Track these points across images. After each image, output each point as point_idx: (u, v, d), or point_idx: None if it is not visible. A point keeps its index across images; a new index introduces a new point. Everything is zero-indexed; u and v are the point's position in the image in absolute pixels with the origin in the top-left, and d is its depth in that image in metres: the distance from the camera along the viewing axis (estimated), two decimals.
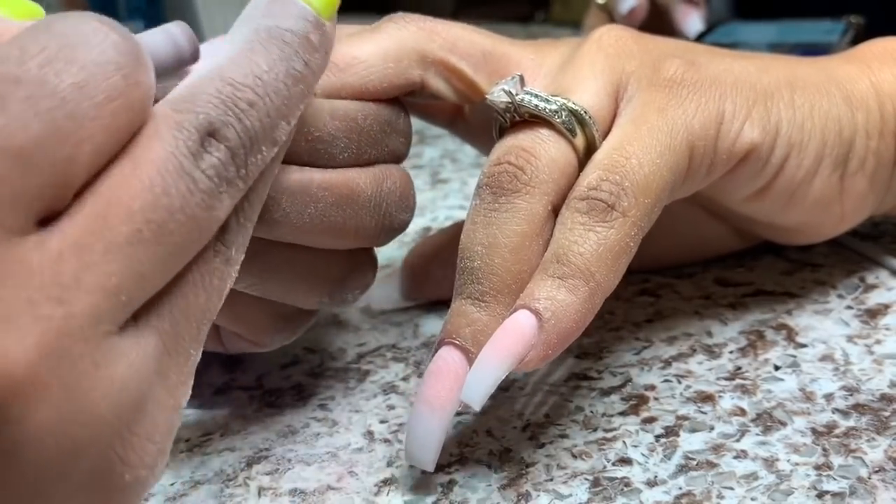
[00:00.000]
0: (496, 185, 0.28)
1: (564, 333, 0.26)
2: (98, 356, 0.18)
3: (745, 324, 0.34)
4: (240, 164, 0.21)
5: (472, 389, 0.26)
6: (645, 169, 0.28)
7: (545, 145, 0.28)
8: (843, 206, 0.33)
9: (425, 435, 0.27)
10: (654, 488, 0.26)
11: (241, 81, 0.22)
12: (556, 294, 0.26)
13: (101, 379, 0.18)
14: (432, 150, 0.57)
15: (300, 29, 0.24)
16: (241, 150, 0.21)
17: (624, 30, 0.32)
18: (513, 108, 0.29)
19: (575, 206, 0.27)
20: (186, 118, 0.20)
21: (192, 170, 0.20)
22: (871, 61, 0.33)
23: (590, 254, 0.26)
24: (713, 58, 0.31)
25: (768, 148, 0.30)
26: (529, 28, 0.90)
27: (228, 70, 0.22)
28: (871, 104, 0.32)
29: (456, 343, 0.27)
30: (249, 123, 0.21)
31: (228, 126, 0.21)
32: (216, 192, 0.20)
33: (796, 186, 0.31)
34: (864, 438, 0.27)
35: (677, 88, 0.29)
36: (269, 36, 0.23)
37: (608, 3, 0.64)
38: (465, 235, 0.28)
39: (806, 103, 0.31)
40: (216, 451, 0.31)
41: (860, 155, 0.32)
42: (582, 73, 0.30)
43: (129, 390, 0.19)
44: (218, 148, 0.21)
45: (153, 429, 0.20)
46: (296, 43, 0.23)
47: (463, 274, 0.28)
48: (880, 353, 0.31)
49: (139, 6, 0.88)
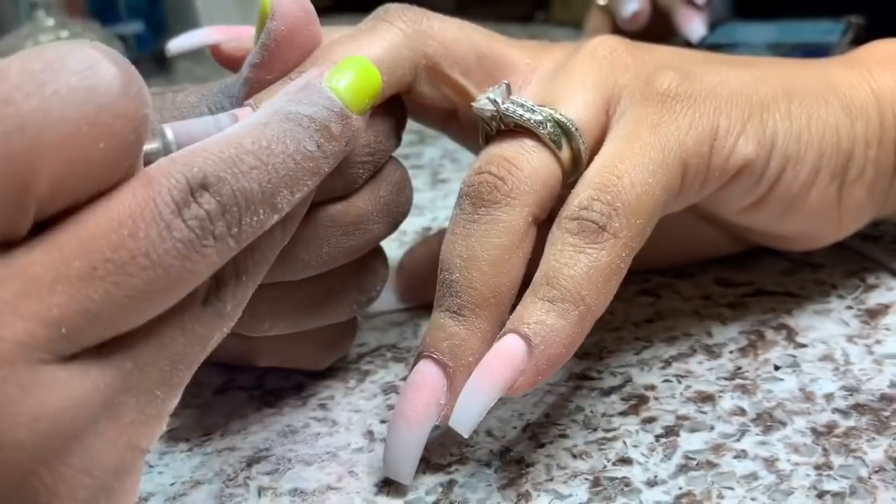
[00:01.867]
0: (476, 196, 0.28)
1: (554, 358, 0.26)
2: (26, 382, 0.18)
3: (745, 324, 0.34)
4: (231, 221, 0.21)
5: (461, 416, 0.26)
6: (637, 189, 0.27)
7: (528, 156, 0.28)
8: (840, 215, 0.32)
9: (403, 449, 0.27)
10: (654, 488, 0.26)
11: (246, 147, 0.22)
12: (546, 318, 0.26)
13: (26, 406, 0.18)
14: (432, 150, 0.57)
15: (321, 117, 0.24)
16: (234, 207, 0.21)
17: (619, 41, 0.31)
18: (498, 117, 0.29)
19: (566, 227, 0.27)
20: (181, 168, 0.20)
21: (171, 218, 0.19)
22: (873, 66, 0.32)
23: (580, 276, 0.26)
24: (709, 68, 0.31)
25: (763, 162, 0.30)
26: (529, 28, 0.90)
27: (237, 136, 0.22)
28: (871, 112, 0.31)
29: (434, 357, 0.27)
30: (247, 185, 0.21)
31: (224, 182, 0.21)
32: (197, 243, 0.20)
33: (792, 198, 0.31)
34: (865, 438, 0.27)
35: (671, 103, 0.29)
36: (287, 117, 0.23)
37: (609, 6, 0.64)
38: (445, 246, 0.28)
39: (803, 114, 0.31)
40: (216, 451, 0.31)
41: (859, 164, 0.31)
42: (572, 85, 0.29)
43: (61, 420, 0.18)
44: (208, 201, 0.20)
45: (91, 463, 0.19)
46: (312, 128, 0.24)
47: (442, 286, 0.28)
48: (880, 353, 0.31)
49: (139, 6, 0.88)
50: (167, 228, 0.19)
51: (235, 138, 0.22)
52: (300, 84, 0.25)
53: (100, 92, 0.18)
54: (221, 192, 0.20)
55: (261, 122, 0.23)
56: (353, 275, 0.30)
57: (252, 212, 0.21)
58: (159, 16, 0.91)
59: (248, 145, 0.22)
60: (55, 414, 0.18)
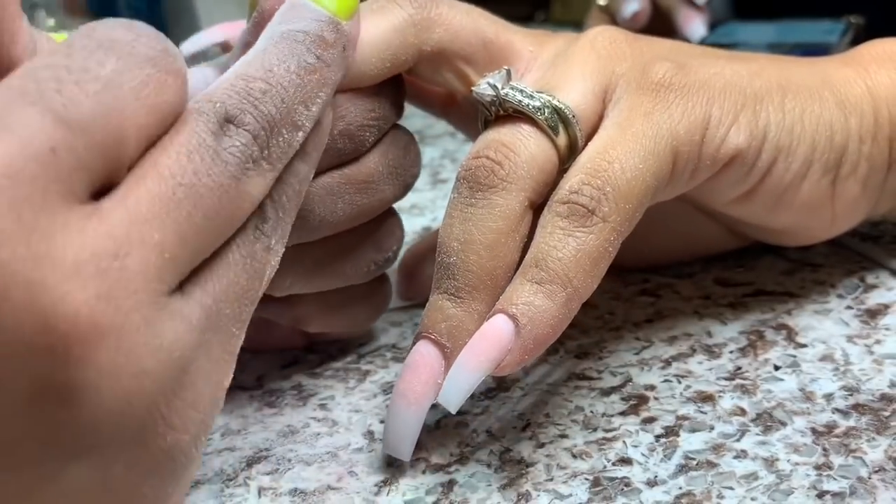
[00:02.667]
0: (473, 180, 0.28)
1: (541, 338, 0.26)
2: (148, 313, 0.19)
3: (745, 324, 0.34)
4: (262, 145, 0.22)
5: (448, 393, 0.26)
6: (627, 174, 0.27)
7: (525, 141, 0.28)
8: (833, 210, 0.33)
9: (402, 427, 0.27)
10: (654, 488, 0.26)
11: (251, 74, 0.23)
12: (534, 299, 0.26)
13: (150, 335, 0.19)
14: (432, 150, 0.57)
15: (313, 29, 0.25)
16: (261, 132, 0.22)
17: (619, 31, 0.32)
18: (497, 102, 0.29)
19: (556, 210, 0.27)
20: (205, 107, 0.21)
21: (216, 145, 0.21)
22: (869, 64, 0.33)
23: (568, 259, 0.26)
24: (705, 60, 0.31)
25: (754, 152, 0.30)
26: (529, 28, 0.90)
27: (241, 68, 0.23)
28: (866, 108, 0.32)
29: (431, 338, 0.27)
30: (265, 109, 0.22)
31: (245, 112, 0.22)
32: (241, 166, 0.21)
33: (783, 190, 0.31)
34: (864, 438, 0.27)
35: (664, 92, 0.29)
36: (281, 38, 0.24)
37: (610, 6, 0.64)
38: (443, 230, 0.29)
39: (797, 107, 0.31)
40: (216, 451, 0.31)
41: (853, 160, 0.32)
42: (571, 72, 0.30)
43: (174, 352, 0.20)
44: (237, 132, 0.22)
45: (197, 397, 0.21)
46: (307, 41, 0.25)
47: (440, 269, 0.28)
48: (880, 353, 0.31)
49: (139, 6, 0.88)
50: (216, 154, 0.21)
51: (241, 69, 0.23)
52: (287, 6, 0.26)
53: (150, 56, 0.20)
54: (245, 122, 0.22)
55: (259, 49, 0.24)
56: (369, 234, 0.32)
57: (276, 133, 0.23)
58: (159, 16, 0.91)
59: (254, 72, 0.23)
60: (171, 344, 0.19)
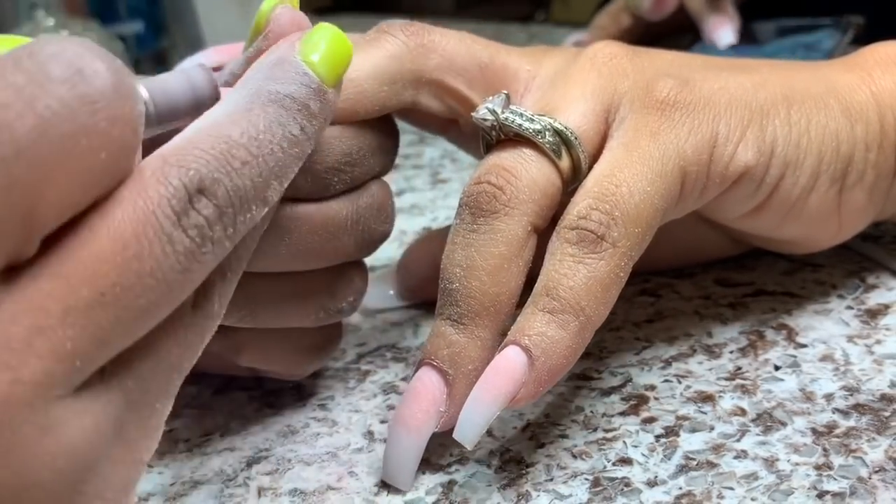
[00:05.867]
0: (475, 206, 0.28)
1: (555, 369, 0.26)
2: (45, 422, 0.17)
3: (745, 324, 0.34)
4: (227, 223, 0.20)
5: (465, 429, 0.26)
6: (636, 198, 0.27)
7: (527, 165, 0.28)
8: (840, 219, 0.32)
9: (402, 455, 0.27)
10: (654, 488, 0.26)
11: (236, 140, 0.21)
12: (547, 330, 0.26)
13: (46, 445, 0.17)
14: (432, 150, 0.57)
15: (301, 95, 0.23)
16: (229, 209, 0.20)
17: (619, 46, 0.31)
18: (497, 126, 0.29)
19: (564, 237, 0.27)
20: (176, 172, 0.19)
21: (172, 231, 0.19)
22: (873, 69, 0.32)
23: (580, 287, 0.26)
24: (708, 74, 0.31)
25: (763, 169, 0.30)
26: (529, 28, 0.90)
27: (225, 127, 0.21)
28: (871, 116, 0.31)
29: (434, 364, 0.27)
30: (241, 182, 0.21)
31: (219, 183, 0.20)
32: (197, 253, 0.19)
33: (792, 203, 0.31)
34: (865, 438, 0.27)
35: (670, 111, 0.29)
36: (270, 100, 0.22)
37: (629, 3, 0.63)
38: (445, 256, 0.28)
39: (803, 119, 0.30)
40: (216, 451, 0.31)
41: (859, 168, 0.31)
42: (572, 92, 0.29)
43: (78, 454, 0.18)
44: (206, 206, 0.20)
45: (104, 486, 0.19)
46: (294, 109, 0.23)
47: (443, 295, 0.28)
48: (880, 353, 0.31)
49: (139, 6, 0.88)
50: (170, 242, 0.19)
51: (224, 130, 0.21)
52: (273, 59, 0.24)
53: (92, 98, 0.17)
54: (217, 195, 0.20)
55: (244, 106, 0.22)
56: (323, 280, 0.29)
57: (245, 209, 0.21)
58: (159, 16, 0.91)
59: (238, 137, 0.21)
60: (72, 449, 0.18)
